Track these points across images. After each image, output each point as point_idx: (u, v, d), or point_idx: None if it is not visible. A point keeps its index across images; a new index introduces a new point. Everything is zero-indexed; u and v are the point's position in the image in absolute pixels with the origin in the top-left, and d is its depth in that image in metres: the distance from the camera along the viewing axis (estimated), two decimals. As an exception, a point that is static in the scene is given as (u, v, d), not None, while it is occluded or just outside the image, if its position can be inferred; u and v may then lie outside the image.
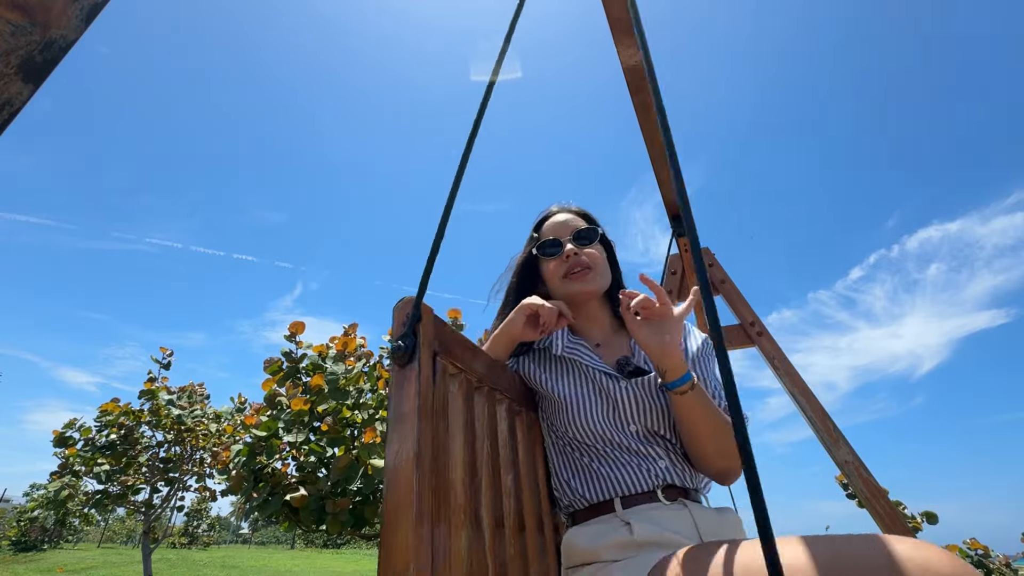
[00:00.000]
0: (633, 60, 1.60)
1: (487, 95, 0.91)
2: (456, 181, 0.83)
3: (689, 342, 1.12)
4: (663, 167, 2.04)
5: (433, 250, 0.77)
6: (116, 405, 7.38)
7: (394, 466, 0.68)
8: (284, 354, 4.27)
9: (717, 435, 0.93)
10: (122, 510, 12.33)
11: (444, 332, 0.81)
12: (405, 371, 0.72)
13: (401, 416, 0.70)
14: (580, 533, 0.94)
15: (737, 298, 2.37)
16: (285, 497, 3.57)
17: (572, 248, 1.14)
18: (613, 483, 0.95)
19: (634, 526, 0.87)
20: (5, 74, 0.36)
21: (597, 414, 1.00)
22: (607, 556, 0.87)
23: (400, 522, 0.63)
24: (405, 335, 0.72)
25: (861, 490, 1.92)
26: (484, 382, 0.92)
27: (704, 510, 0.94)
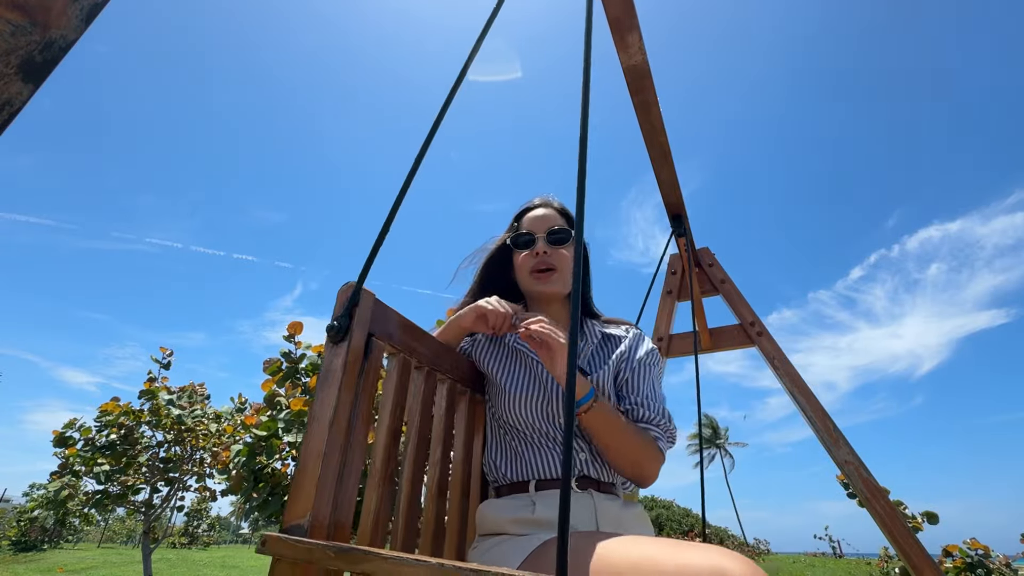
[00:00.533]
0: (633, 59, 1.60)
1: (454, 88, 0.96)
2: (409, 177, 0.90)
3: (635, 351, 1.17)
4: (663, 167, 2.04)
5: (378, 239, 0.85)
6: (116, 405, 7.38)
7: (309, 427, 0.76)
8: (283, 354, 4.27)
9: (622, 447, 1.00)
10: (122, 510, 12.34)
11: (386, 316, 0.89)
12: (335, 347, 0.80)
13: (323, 385, 0.78)
14: (491, 505, 1.02)
15: (737, 298, 2.37)
16: (285, 497, 3.57)
17: (543, 246, 1.18)
18: (531, 467, 1.03)
19: (537, 506, 0.96)
20: (5, 74, 0.36)
21: (531, 403, 1.06)
22: (511, 530, 0.95)
23: (305, 474, 0.71)
24: (341, 316, 0.81)
25: (861, 490, 1.92)
26: (424, 363, 0.99)
27: (610, 501, 1.00)
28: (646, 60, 1.61)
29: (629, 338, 1.20)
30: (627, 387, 1.11)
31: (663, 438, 1.06)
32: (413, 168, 0.90)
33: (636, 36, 1.53)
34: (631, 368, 1.13)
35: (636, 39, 1.54)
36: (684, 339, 2.41)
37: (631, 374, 1.12)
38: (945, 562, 5.53)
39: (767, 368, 2.23)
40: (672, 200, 2.25)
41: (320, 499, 0.70)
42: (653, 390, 1.12)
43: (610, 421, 0.99)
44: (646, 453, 1.01)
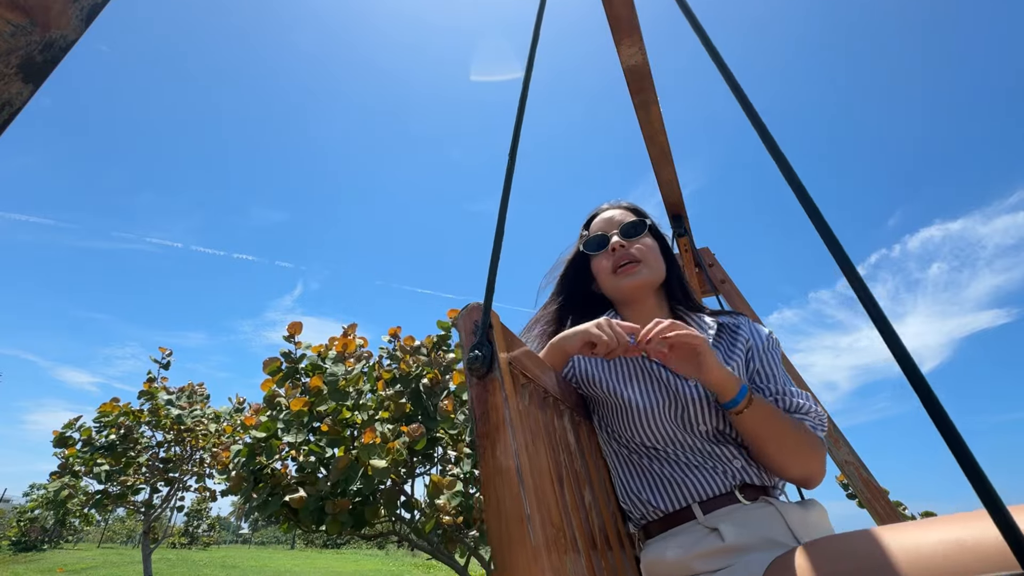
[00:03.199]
0: (633, 59, 1.60)
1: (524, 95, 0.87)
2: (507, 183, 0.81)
3: (757, 339, 1.05)
4: (663, 167, 2.04)
5: (495, 253, 0.74)
6: (115, 405, 7.38)
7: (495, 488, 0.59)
8: (283, 354, 4.27)
9: (787, 445, 0.87)
10: (122, 510, 12.34)
11: (512, 339, 0.76)
12: (486, 382, 0.66)
13: (491, 430, 0.62)
14: (664, 546, 0.86)
15: (737, 298, 2.37)
16: (285, 497, 3.57)
17: (618, 240, 1.09)
18: (688, 488, 0.89)
19: (723, 531, 0.81)
20: (5, 74, 0.36)
21: (665, 415, 0.94)
22: (700, 567, 0.80)
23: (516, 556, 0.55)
24: (480, 343, 0.67)
25: (861, 490, 1.92)
26: (550, 392, 0.86)
27: (789, 506, 0.87)
28: (646, 60, 1.61)
29: (745, 324, 1.08)
30: (761, 377, 1.00)
31: (818, 427, 0.94)
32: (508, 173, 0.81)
33: (636, 36, 1.53)
34: (760, 356, 1.02)
35: (636, 39, 1.54)
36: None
37: (762, 363, 1.01)
38: (945, 562, 5.52)
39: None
40: (672, 200, 2.25)
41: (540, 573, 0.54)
42: (788, 377, 1.01)
43: (771, 418, 0.87)
44: (811, 447, 0.89)
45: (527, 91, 0.88)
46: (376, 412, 3.96)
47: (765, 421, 0.86)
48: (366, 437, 3.55)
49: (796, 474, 0.90)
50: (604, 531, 0.85)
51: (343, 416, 3.85)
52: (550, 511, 0.65)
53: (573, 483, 0.80)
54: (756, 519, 0.83)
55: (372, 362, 4.44)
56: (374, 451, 3.52)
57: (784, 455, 0.88)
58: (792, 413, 0.94)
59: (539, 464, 0.68)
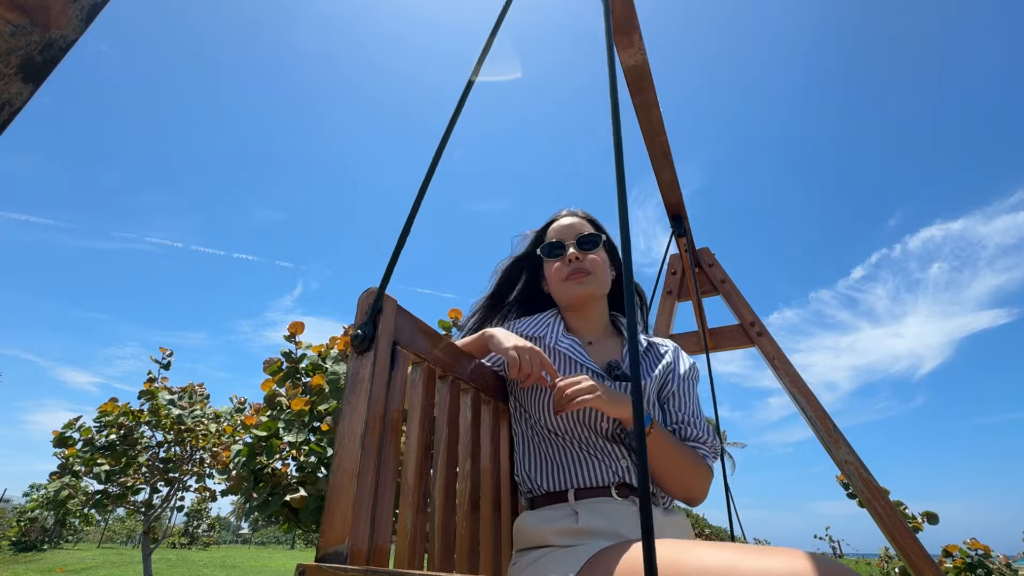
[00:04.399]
0: (633, 60, 1.60)
1: (465, 93, 0.96)
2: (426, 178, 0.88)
3: (678, 365, 1.16)
4: (663, 167, 2.04)
5: (398, 244, 0.83)
6: (115, 405, 7.37)
7: (340, 445, 0.72)
8: (284, 354, 4.27)
9: (674, 470, 0.99)
10: (122, 510, 12.34)
11: (408, 323, 0.86)
12: (361, 357, 0.77)
13: (351, 399, 0.74)
14: (530, 517, 0.99)
15: (737, 298, 2.37)
16: (285, 497, 3.57)
17: (574, 252, 1.17)
18: (571, 475, 1.00)
19: (580, 515, 0.93)
20: (5, 74, 0.36)
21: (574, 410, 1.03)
22: (553, 541, 0.92)
23: (340, 497, 0.67)
24: (364, 324, 0.77)
25: (861, 490, 1.92)
26: (449, 372, 0.96)
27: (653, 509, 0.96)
28: (646, 60, 1.61)
29: (671, 350, 1.19)
30: (673, 402, 1.11)
31: (710, 456, 1.05)
32: (430, 171, 0.89)
33: (636, 36, 1.53)
34: (677, 382, 1.12)
35: (636, 39, 1.54)
36: (684, 339, 2.41)
37: (677, 388, 1.12)
38: (945, 562, 5.53)
39: (767, 368, 2.23)
40: (672, 200, 2.25)
41: (358, 522, 0.66)
42: (698, 407, 1.12)
43: (665, 446, 0.97)
44: (697, 473, 1.01)
45: (468, 93, 0.96)
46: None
47: (659, 450, 0.97)
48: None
49: (678, 494, 1.02)
50: (476, 496, 0.98)
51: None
52: (407, 474, 0.81)
53: (447, 453, 0.91)
54: (613, 512, 0.94)
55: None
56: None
57: (669, 478, 1.00)
58: (689, 442, 1.06)
59: (398, 432, 0.79)
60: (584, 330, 1.20)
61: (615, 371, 1.09)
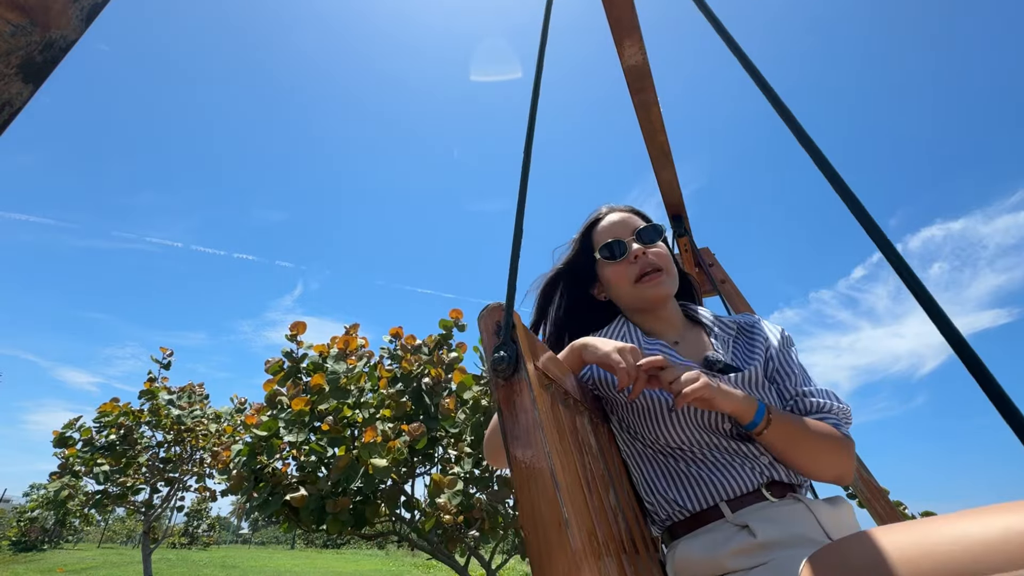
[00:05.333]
0: (633, 59, 1.60)
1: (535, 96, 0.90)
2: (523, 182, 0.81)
3: (769, 339, 1.03)
4: (663, 167, 2.04)
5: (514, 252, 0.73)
6: (115, 405, 7.38)
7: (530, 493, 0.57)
8: (285, 354, 4.28)
9: (813, 452, 0.87)
10: (122, 510, 12.35)
11: (533, 341, 0.74)
12: (512, 383, 0.64)
13: (522, 433, 0.60)
14: (692, 546, 0.85)
15: (737, 298, 2.37)
16: (285, 497, 3.57)
17: (639, 248, 1.06)
18: (715, 487, 0.87)
19: (754, 528, 0.80)
20: (5, 74, 0.36)
21: (688, 417, 0.92)
22: (732, 565, 0.79)
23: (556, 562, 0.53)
24: (505, 343, 0.66)
25: (861, 490, 1.92)
26: (570, 393, 0.84)
27: (818, 503, 0.87)
28: (646, 60, 1.61)
29: (760, 325, 1.07)
30: (781, 376, 0.98)
31: (842, 422, 0.92)
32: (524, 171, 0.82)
33: (636, 36, 1.53)
34: (776, 356, 1.00)
35: (636, 39, 1.54)
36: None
37: (780, 361, 1.00)
38: (945, 562, 5.52)
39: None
40: (672, 200, 2.25)
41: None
42: (806, 372, 1.00)
43: (791, 428, 0.86)
44: (838, 448, 0.87)
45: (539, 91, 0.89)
46: (377, 410, 3.96)
47: (787, 436, 0.86)
48: (367, 436, 3.55)
49: (826, 476, 0.89)
50: (630, 534, 0.84)
51: (344, 415, 3.85)
52: (581, 515, 0.63)
53: (599, 486, 0.78)
54: (786, 516, 0.82)
55: (373, 361, 4.44)
56: (375, 450, 3.52)
57: (811, 462, 0.87)
58: (814, 414, 0.92)
59: (569, 467, 0.66)
60: (663, 330, 1.08)
61: (716, 366, 0.97)
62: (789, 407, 0.95)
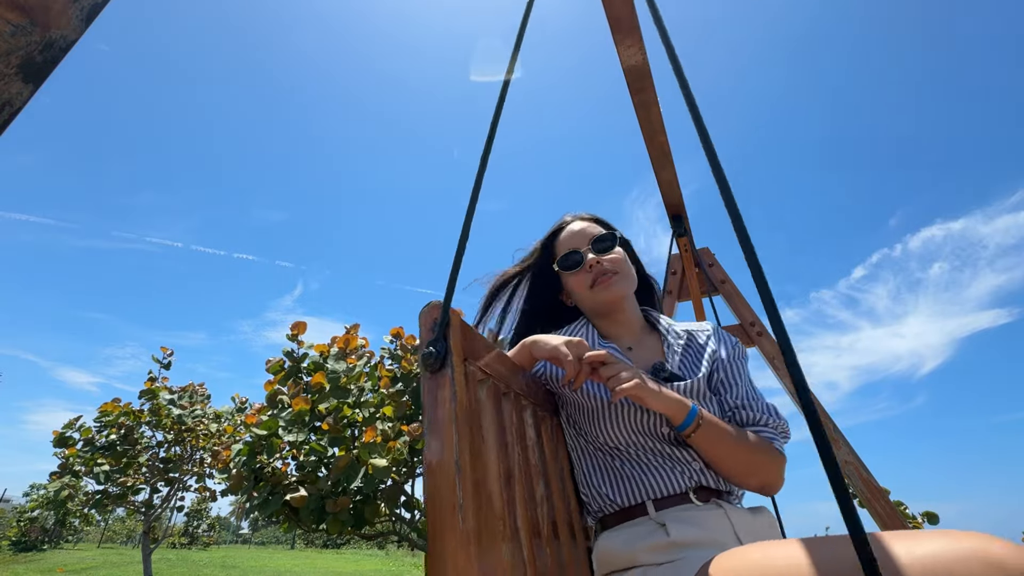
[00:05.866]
0: (633, 59, 1.60)
1: (502, 94, 0.93)
2: (477, 181, 0.84)
3: (721, 349, 1.08)
4: (663, 167, 2.04)
5: (458, 253, 0.77)
6: (116, 405, 7.38)
7: (434, 478, 0.64)
8: (286, 354, 4.28)
9: (739, 460, 0.92)
10: (122, 510, 12.35)
11: (472, 337, 0.79)
12: (437, 377, 0.69)
13: (437, 424, 0.66)
14: (614, 537, 0.92)
15: (737, 298, 2.37)
16: (285, 497, 3.57)
17: (593, 257, 1.11)
18: (645, 486, 0.93)
19: (670, 527, 0.86)
20: (5, 74, 0.36)
21: (630, 418, 0.97)
22: (645, 559, 0.85)
23: (446, 541, 0.60)
24: (436, 340, 0.70)
25: (861, 490, 1.92)
26: (511, 387, 0.89)
27: (739, 510, 0.92)
28: (646, 60, 1.61)
29: (711, 333, 1.12)
30: (724, 388, 1.03)
31: (777, 437, 0.97)
32: (479, 174, 0.85)
33: (636, 36, 1.53)
34: (724, 367, 1.05)
35: (636, 39, 1.54)
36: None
37: (725, 374, 1.04)
38: (945, 562, 5.52)
39: (768, 368, 2.23)
40: (672, 200, 2.25)
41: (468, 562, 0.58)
42: (751, 387, 1.04)
43: (720, 437, 0.91)
44: (766, 459, 0.93)
45: (504, 97, 0.93)
46: (377, 410, 3.96)
47: (716, 440, 0.91)
48: (367, 436, 3.55)
49: (751, 485, 0.95)
50: (554, 522, 0.90)
51: (344, 414, 3.85)
52: (491, 501, 0.70)
53: (524, 476, 0.84)
54: (703, 519, 0.88)
55: (374, 361, 4.44)
56: (375, 450, 3.52)
57: (737, 470, 0.92)
58: (749, 426, 0.97)
59: (484, 457, 0.72)
60: (620, 334, 1.14)
61: (661, 373, 1.02)
62: (728, 418, 1.00)
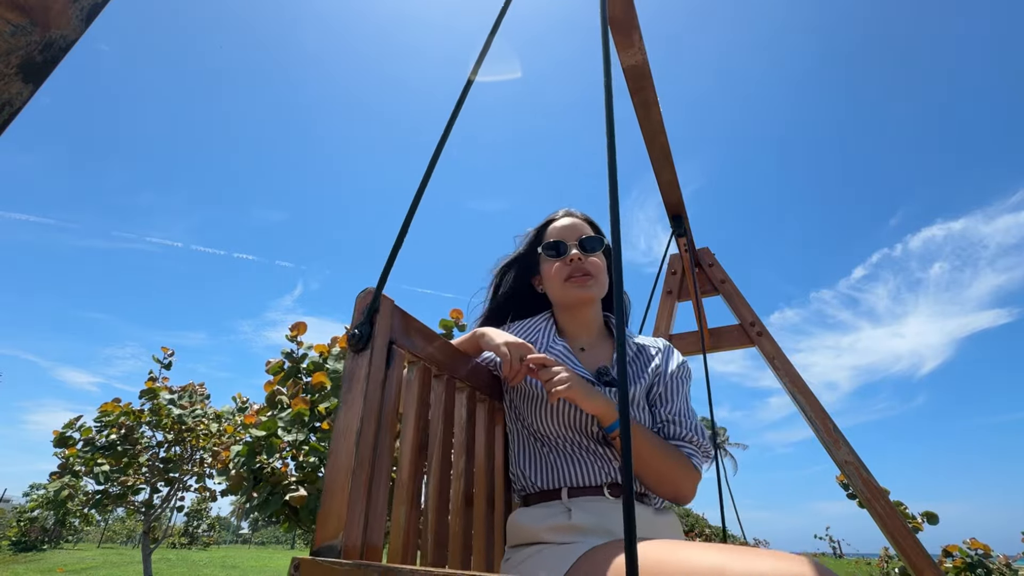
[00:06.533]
0: (633, 59, 1.60)
1: (464, 92, 0.97)
2: (425, 177, 0.90)
3: (668, 364, 1.16)
4: (663, 167, 2.04)
5: (396, 244, 0.84)
6: (116, 405, 7.37)
7: (335, 442, 0.73)
8: (285, 354, 4.28)
9: (653, 467, 0.99)
10: (122, 510, 12.34)
11: (404, 323, 0.87)
12: (358, 356, 0.78)
13: (347, 397, 0.76)
14: (524, 514, 1.00)
15: (737, 298, 2.37)
16: (285, 497, 3.57)
17: (577, 253, 1.16)
18: (565, 474, 1.01)
19: (573, 512, 0.94)
20: (5, 74, 0.36)
21: (564, 413, 1.04)
22: (546, 537, 0.93)
23: (335, 493, 0.69)
24: (362, 324, 0.79)
25: (861, 490, 1.92)
26: (444, 371, 0.97)
27: (643, 507, 0.98)
28: (646, 60, 1.61)
29: (662, 350, 1.19)
30: (660, 402, 1.11)
31: (697, 454, 1.04)
32: (428, 170, 0.90)
33: (636, 36, 1.53)
34: (664, 382, 1.12)
35: (636, 39, 1.54)
36: (684, 339, 2.41)
37: (664, 388, 1.12)
38: (945, 562, 5.53)
39: (768, 368, 2.23)
40: (672, 200, 2.25)
41: (352, 518, 0.68)
42: (686, 405, 1.11)
43: (645, 445, 0.97)
44: (680, 471, 1.00)
45: (465, 96, 0.97)
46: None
47: (638, 449, 0.97)
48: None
49: (664, 493, 1.02)
50: (471, 494, 1.00)
51: (343, 416, 3.85)
52: (401, 470, 0.83)
53: (441, 450, 0.92)
54: (606, 510, 0.96)
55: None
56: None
57: (652, 476, 0.99)
58: (673, 440, 1.05)
59: (393, 430, 0.81)
60: (578, 332, 1.20)
61: (604, 377, 1.09)
62: (657, 430, 1.08)
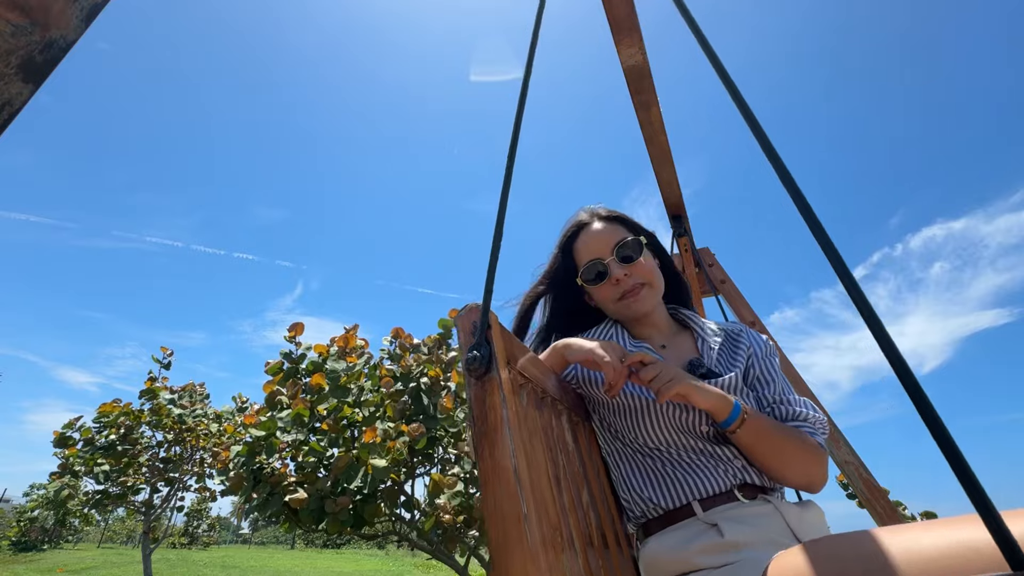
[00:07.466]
0: (633, 60, 1.60)
1: (523, 94, 0.90)
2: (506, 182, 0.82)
3: (753, 347, 1.07)
4: (663, 167, 2.04)
5: (493, 255, 0.75)
6: (115, 405, 7.37)
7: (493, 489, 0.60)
8: (284, 355, 4.28)
9: (784, 456, 0.89)
10: (122, 510, 12.36)
11: (510, 340, 0.76)
12: (484, 382, 0.67)
13: (490, 431, 0.63)
14: (663, 542, 0.88)
15: (737, 298, 2.37)
16: (285, 497, 3.57)
17: (620, 270, 1.06)
18: (689, 486, 0.91)
19: (722, 527, 0.83)
20: (5, 74, 0.36)
21: (668, 417, 0.95)
22: (700, 562, 0.82)
23: (514, 555, 0.56)
24: (479, 344, 0.68)
25: (861, 490, 1.92)
26: (548, 392, 0.88)
27: (788, 506, 0.90)
28: (646, 60, 1.61)
29: (745, 333, 1.10)
30: (761, 383, 1.01)
31: (817, 432, 0.94)
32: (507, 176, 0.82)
33: (636, 36, 1.53)
34: (759, 365, 1.03)
35: (636, 39, 1.54)
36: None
37: (761, 369, 1.03)
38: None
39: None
40: (672, 200, 2.25)
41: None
42: (786, 382, 1.02)
43: (764, 432, 0.89)
44: (810, 455, 0.90)
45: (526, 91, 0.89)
46: (378, 409, 3.96)
47: (759, 437, 0.89)
48: (367, 436, 3.55)
49: (795, 482, 0.92)
50: (601, 530, 0.87)
51: (344, 414, 3.85)
52: (547, 510, 0.66)
53: (571, 483, 0.81)
54: (754, 516, 0.85)
55: (373, 362, 4.44)
56: (374, 450, 3.52)
57: (781, 466, 0.90)
58: (790, 421, 0.95)
59: (537, 464, 0.69)
60: (650, 333, 1.11)
61: (699, 370, 0.99)
62: (767, 413, 0.97)
